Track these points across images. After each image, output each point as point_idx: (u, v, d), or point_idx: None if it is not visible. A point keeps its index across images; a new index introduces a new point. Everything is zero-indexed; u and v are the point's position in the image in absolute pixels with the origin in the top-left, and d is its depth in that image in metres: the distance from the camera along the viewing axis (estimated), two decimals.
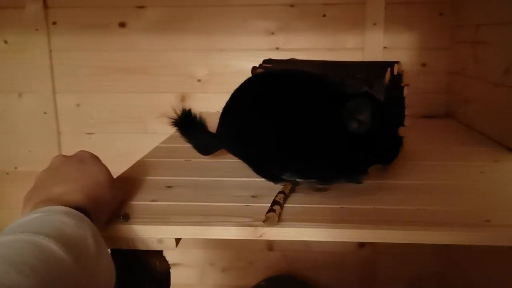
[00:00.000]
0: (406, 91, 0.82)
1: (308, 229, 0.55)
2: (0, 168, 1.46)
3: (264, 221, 0.56)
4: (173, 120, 0.83)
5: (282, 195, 0.62)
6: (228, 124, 0.75)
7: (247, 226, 0.55)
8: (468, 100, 1.15)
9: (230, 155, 0.86)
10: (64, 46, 1.36)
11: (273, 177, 0.70)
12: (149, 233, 0.56)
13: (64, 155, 0.59)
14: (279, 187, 0.66)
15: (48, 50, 1.36)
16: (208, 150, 0.85)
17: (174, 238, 0.57)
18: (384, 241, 0.55)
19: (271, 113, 0.67)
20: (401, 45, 1.29)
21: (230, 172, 0.76)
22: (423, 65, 1.30)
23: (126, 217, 0.58)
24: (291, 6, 1.30)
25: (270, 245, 1.48)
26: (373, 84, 0.74)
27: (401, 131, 0.70)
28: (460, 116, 1.19)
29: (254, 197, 0.65)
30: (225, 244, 1.49)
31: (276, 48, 1.32)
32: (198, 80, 1.36)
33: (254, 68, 0.87)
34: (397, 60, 0.80)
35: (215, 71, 1.35)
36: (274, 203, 0.59)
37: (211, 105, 1.34)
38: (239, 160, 0.83)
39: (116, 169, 0.73)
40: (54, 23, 1.35)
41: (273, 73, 0.79)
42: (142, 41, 1.35)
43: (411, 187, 0.68)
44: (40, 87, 1.38)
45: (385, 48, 1.28)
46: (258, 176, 0.73)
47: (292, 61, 0.89)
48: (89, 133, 1.42)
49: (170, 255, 0.60)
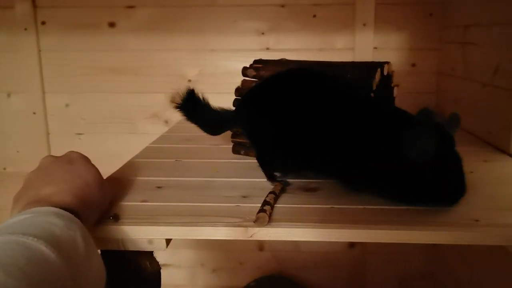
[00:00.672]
0: (396, 91, 0.83)
1: (298, 229, 0.55)
2: None
3: (254, 221, 0.56)
4: (177, 103, 0.80)
5: (272, 195, 0.62)
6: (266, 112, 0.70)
7: (237, 226, 0.55)
8: (457, 100, 1.16)
9: (222, 155, 0.86)
10: (53, 46, 1.35)
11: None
12: (139, 234, 0.56)
13: (53, 156, 0.59)
14: (269, 187, 0.66)
15: (37, 50, 1.35)
16: (217, 130, 0.83)
17: (165, 239, 0.56)
18: (374, 241, 0.55)
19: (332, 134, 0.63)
20: (391, 45, 1.30)
21: (220, 173, 0.76)
22: (413, 65, 1.31)
23: (116, 218, 0.57)
24: (282, 6, 1.30)
25: (261, 245, 1.48)
26: (364, 84, 0.74)
27: None
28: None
29: (244, 197, 0.65)
30: (215, 245, 1.49)
31: (267, 49, 1.32)
32: (189, 81, 1.36)
33: (244, 69, 0.87)
34: (387, 60, 0.80)
35: (206, 72, 1.34)
36: (265, 203, 0.59)
37: None
38: (229, 160, 0.83)
39: (106, 170, 0.73)
40: (43, 23, 1.34)
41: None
42: (132, 41, 1.34)
43: None
44: (29, 87, 1.37)
45: (375, 48, 1.29)
46: (249, 176, 0.73)
47: (282, 61, 0.89)
48: (78, 134, 1.41)
49: (161, 256, 0.60)
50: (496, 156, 0.86)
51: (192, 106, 0.80)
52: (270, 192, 0.63)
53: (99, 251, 0.53)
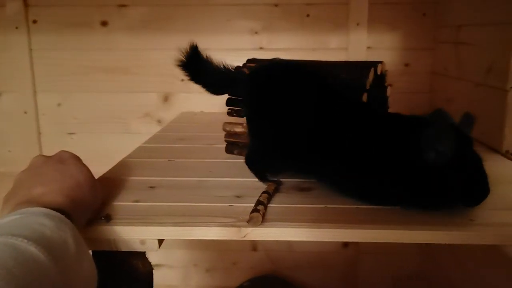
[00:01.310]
0: (389, 91, 0.83)
1: (292, 229, 0.55)
2: None
3: (248, 221, 0.55)
4: (180, 61, 0.77)
5: (266, 195, 0.62)
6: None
7: (230, 226, 0.55)
8: (451, 100, 1.16)
9: (215, 155, 0.85)
10: (44, 45, 1.34)
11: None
12: (131, 234, 0.55)
13: (44, 156, 0.58)
14: (263, 187, 0.66)
15: (29, 49, 1.34)
16: (220, 91, 0.80)
17: (157, 239, 0.56)
18: (368, 241, 0.55)
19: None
20: (385, 45, 1.30)
21: (214, 172, 0.76)
22: (406, 65, 1.31)
23: (107, 218, 0.57)
24: (275, 5, 1.30)
25: (254, 245, 1.47)
26: (357, 84, 0.74)
27: None
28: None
29: (238, 197, 0.64)
30: (208, 245, 1.48)
31: (260, 48, 1.32)
32: (181, 80, 1.35)
33: (238, 68, 0.87)
34: (380, 60, 0.80)
35: None
36: (258, 203, 0.59)
37: (194, 105, 1.34)
38: (222, 160, 0.82)
39: (99, 170, 0.72)
40: (35, 21, 1.33)
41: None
42: (125, 40, 1.33)
43: None
44: (20, 87, 1.36)
45: (368, 48, 1.29)
46: (242, 176, 0.72)
47: (276, 60, 0.89)
48: (70, 133, 1.40)
49: (153, 256, 0.59)
50: (489, 155, 0.87)
51: (196, 64, 0.77)
52: (263, 192, 0.63)
53: (90, 252, 0.53)
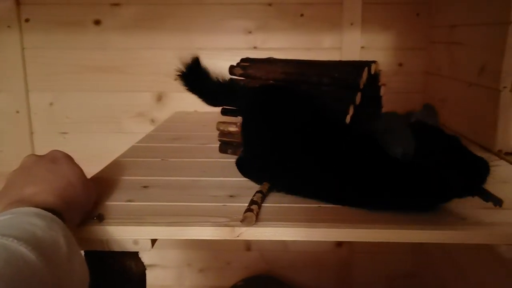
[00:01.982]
0: (383, 90, 0.83)
1: (286, 229, 0.55)
2: None
3: (241, 221, 0.55)
4: (180, 72, 0.77)
5: (259, 195, 0.62)
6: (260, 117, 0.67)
7: (224, 226, 0.55)
8: (444, 100, 1.17)
9: (208, 154, 0.85)
10: (37, 44, 1.33)
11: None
12: (124, 234, 0.55)
13: (36, 155, 0.58)
14: (256, 186, 0.66)
15: (21, 48, 1.33)
16: (217, 103, 0.80)
17: (150, 239, 0.55)
18: (362, 240, 0.55)
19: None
20: (378, 45, 1.30)
21: (207, 172, 0.76)
22: (400, 65, 1.31)
23: (100, 218, 0.56)
24: (269, 5, 1.29)
25: (248, 245, 1.47)
26: (351, 84, 0.74)
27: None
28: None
29: (231, 196, 0.64)
30: (202, 245, 1.48)
31: (254, 47, 1.31)
32: (175, 79, 1.34)
33: (231, 67, 0.86)
34: (374, 60, 0.80)
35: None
36: (252, 202, 0.59)
37: (188, 105, 1.33)
38: (216, 159, 0.82)
39: (92, 170, 0.71)
40: (27, 20, 1.32)
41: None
42: (118, 39, 1.33)
43: None
44: (12, 86, 1.35)
45: (362, 48, 1.29)
46: (236, 175, 0.72)
47: (270, 60, 0.88)
48: (63, 133, 1.39)
49: (146, 256, 0.59)
50: (482, 154, 0.86)
51: (195, 76, 0.77)
52: (257, 192, 0.63)
53: (82, 252, 0.52)
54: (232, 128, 0.84)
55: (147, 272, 0.61)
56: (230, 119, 0.83)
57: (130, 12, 1.31)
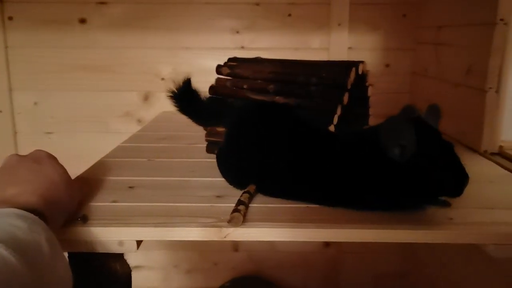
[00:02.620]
0: (370, 91, 0.83)
1: (273, 229, 0.54)
2: None
3: (229, 221, 0.54)
4: (172, 94, 0.77)
5: (247, 195, 0.61)
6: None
7: (211, 226, 0.54)
8: (430, 100, 1.16)
9: (196, 154, 0.84)
10: (21, 42, 1.31)
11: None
12: (108, 235, 0.54)
13: (19, 155, 0.56)
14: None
15: (4, 46, 1.30)
16: (208, 123, 0.81)
17: (135, 240, 0.55)
18: (350, 240, 0.54)
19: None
20: (366, 45, 1.31)
21: (194, 172, 0.75)
22: (387, 65, 1.32)
23: (84, 219, 0.55)
24: (257, 4, 1.29)
25: (236, 245, 1.46)
26: (338, 84, 0.74)
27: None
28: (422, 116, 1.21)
29: (218, 197, 0.64)
30: (189, 246, 1.47)
31: (242, 47, 1.31)
32: (162, 79, 1.33)
33: (219, 67, 0.86)
34: (361, 60, 0.80)
35: (180, 70, 1.32)
36: (239, 203, 0.58)
37: None
38: (203, 159, 0.81)
39: (77, 171, 0.70)
40: (10, 18, 1.29)
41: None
42: (104, 38, 1.31)
43: None
44: None
45: (350, 48, 1.30)
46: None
47: (257, 59, 0.88)
48: (48, 133, 1.37)
49: (132, 258, 0.58)
50: (468, 155, 0.87)
51: (187, 97, 0.77)
52: (244, 192, 0.62)
53: (66, 254, 0.51)
54: (219, 128, 0.83)
55: (133, 273, 0.60)
56: None
57: (116, 10, 1.30)
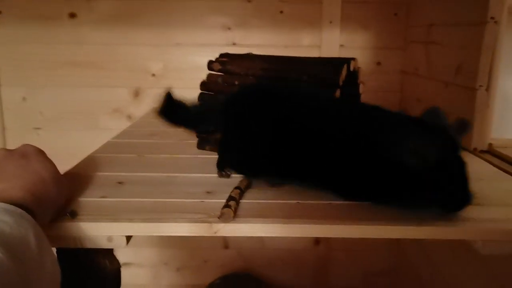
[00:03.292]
0: (362, 88, 0.83)
1: (264, 225, 0.54)
2: None
3: (219, 217, 0.54)
4: (158, 111, 0.76)
5: (238, 191, 0.61)
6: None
7: (201, 222, 0.54)
8: (420, 99, 1.18)
9: (186, 150, 0.84)
10: (9, 38, 1.30)
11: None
12: (97, 231, 0.53)
13: (6, 149, 0.56)
14: (234, 183, 0.65)
15: None
16: (201, 126, 0.81)
17: (125, 236, 0.54)
18: (340, 236, 0.54)
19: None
20: (357, 43, 1.31)
21: (184, 168, 0.74)
22: (378, 64, 1.32)
23: (73, 214, 0.54)
24: (248, 1, 1.29)
25: (226, 243, 1.46)
26: (330, 80, 0.74)
27: None
28: (412, 115, 1.21)
29: (209, 193, 0.63)
30: (179, 243, 1.46)
31: (233, 44, 1.31)
32: (153, 75, 1.33)
33: (210, 63, 0.85)
34: (353, 57, 0.80)
35: (171, 66, 1.32)
36: (230, 198, 0.58)
37: None
38: (194, 155, 0.81)
39: (66, 167, 0.70)
40: None
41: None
42: (94, 34, 1.30)
43: None
44: None
45: (341, 46, 1.30)
46: (214, 172, 0.71)
47: (249, 55, 0.88)
48: (36, 128, 1.36)
49: (122, 255, 0.58)
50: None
51: (172, 110, 0.76)
52: (235, 188, 0.62)
53: (54, 250, 0.51)
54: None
55: (123, 270, 0.59)
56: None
57: (106, 6, 1.28)
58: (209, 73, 0.85)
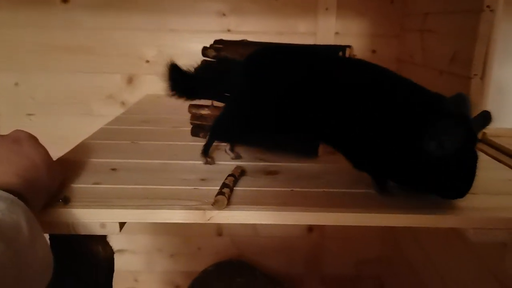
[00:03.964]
0: None
1: (258, 212, 0.54)
2: None
3: (213, 204, 0.54)
4: (168, 87, 0.72)
5: (232, 178, 0.61)
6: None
7: (195, 209, 0.54)
8: None
9: (180, 138, 0.83)
10: (1, 22, 1.28)
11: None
12: (90, 217, 0.53)
13: None
14: (228, 170, 0.65)
15: None
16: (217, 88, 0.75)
17: (118, 222, 0.54)
18: (334, 224, 0.55)
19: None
20: (353, 31, 1.30)
21: (178, 155, 0.74)
22: (373, 51, 1.31)
23: (66, 201, 0.54)
24: None
25: (219, 230, 1.47)
26: None
27: None
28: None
29: (203, 180, 0.63)
30: (173, 230, 1.46)
31: (228, 30, 1.29)
32: (147, 61, 1.31)
33: (204, 49, 0.85)
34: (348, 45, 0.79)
35: (165, 52, 1.31)
36: (224, 186, 0.58)
37: (159, 87, 1.28)
38: (187, 142, 0.81)
39: (59, 153, 0.69)
40: None
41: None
42: (87, 18, 1.28)
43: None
44: None
45: (336, 33, 1.29)
46: None
47: (244, 42, 0.87)
48: (29, 114, 1.35)
49: (116, 242, 0.58)
50: None
51: (181, 81, 0.72)
52: (229, 175, 0.62)
53: (47, 236, 0.50)
54: (204, 111, 0.83)
55: (116, 257, 0.59)
56: (202, 102, 0.82)
57: None
58: (203, 60, 0.84)
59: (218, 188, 0.57)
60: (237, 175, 0.63)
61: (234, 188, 0.60)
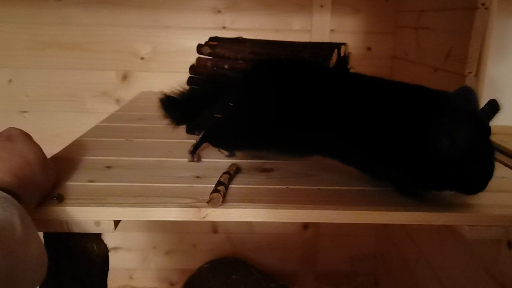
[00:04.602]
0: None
1: (253, 210, 0.54)
2: None
3: (208, 201, 0.54)
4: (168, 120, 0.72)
5: (227, 176, 0.61)
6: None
7: (190, 207, 0.53)
8: None
9: (175, 135, 0.83)
10: None
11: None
12: (85, 215, 0.53)
13: None
14: (223, 168, 0.65)
15: None
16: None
17: (113, 220, 0.54)
18: (328, 221, 0.55)
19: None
20: (348, 28, 1.30)
21: (173, 153, 0.74)
22: (369, 49, 1.31)
23: (60, 198, 0.54)
24: None
25: (215, 227, 1.47)
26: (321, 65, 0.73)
27: None
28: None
29: (197, 178, 0.63)
30: (168, 227, 1.46)
31: (223, 27, 1.29)
32: (141, 58, 1.31)
33: (199, 46, 0.84)
34: (344, 42, 0.79)
35: (160, 49, 1.30)
36: (219, 183, 0.58)
37: (154, 84, 1.30)
38: (182, 140, 0.80)
39: (53, 151, 0.69)
40: None
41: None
42: (80, 14, 1.27)
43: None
44: None
45: (332, 31, 1.29)
46: (203, 156, 0.71)
47: (239, 39, 0.87)
48: (23, 111, 1.34)
49: (111, 239, 0.57)
50: None
51: (179, 110, 0.72)
52: (224, 173, 0.62)
53: (41, 234, 0.50)
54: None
55: (111, 254, 0.59)
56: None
57: None
58: (199, 57, 0.84)
59: (213, 185, 0.57)
60: (232, 173, 0.63)
61: (229, 185, 0.60)
